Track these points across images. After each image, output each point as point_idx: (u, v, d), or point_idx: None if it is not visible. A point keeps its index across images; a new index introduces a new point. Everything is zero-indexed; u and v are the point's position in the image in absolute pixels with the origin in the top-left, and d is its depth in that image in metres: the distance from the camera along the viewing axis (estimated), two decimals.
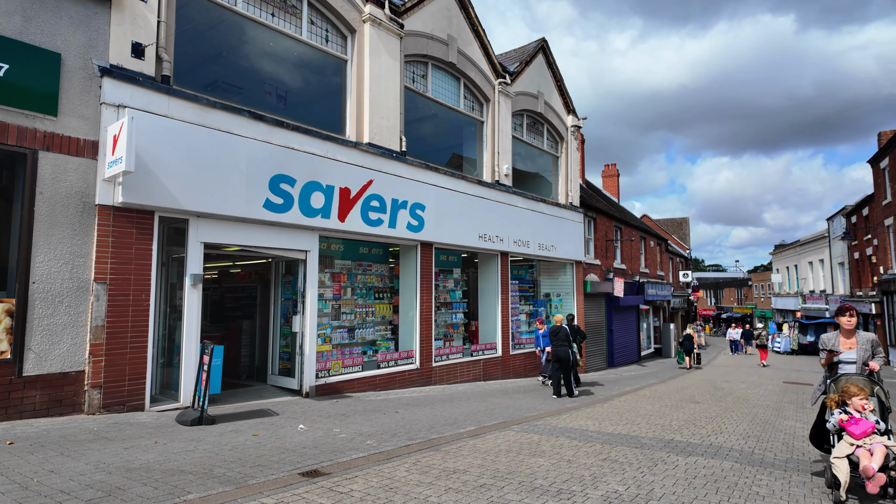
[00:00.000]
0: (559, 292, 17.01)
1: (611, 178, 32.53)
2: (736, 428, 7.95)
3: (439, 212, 11.56)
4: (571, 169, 17.37)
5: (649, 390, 12.98)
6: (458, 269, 13.45)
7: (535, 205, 15.06)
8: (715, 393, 12.63)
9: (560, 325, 11.35)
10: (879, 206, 24.54)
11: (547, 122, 16.50)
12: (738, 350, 29.29)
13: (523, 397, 10.54)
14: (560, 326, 11.26)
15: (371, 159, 10.04)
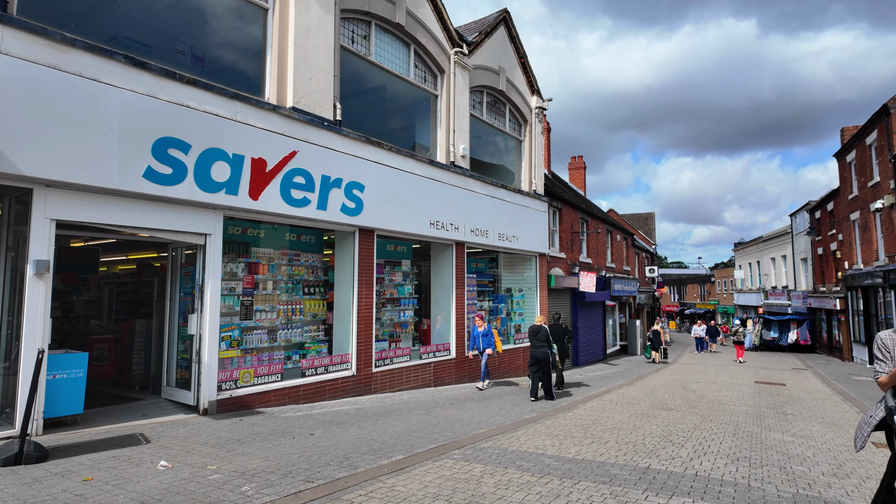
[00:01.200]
0: (521, 287, 15.71)
1: (577, 170, 31.55)
2: (720, 446, 6.72)
3: (383, 194, 10.01)
4: (535, 154, 16.06)
5: (617, 394, 11.79)
6: (408, 261, 11.94)
7: (496, 191, 13.67)
8: (687, 396, 11.52)
9: (540, 324, 10.67)
10: (845, 200, 24.22)
11: (509, 102, 15.12)
12: (703, 348, 28.50)
13: (476, 407, 9.12)
14: (540, 326, 10.57)
15: (295, 127, 8.41)
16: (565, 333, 12.30)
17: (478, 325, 11.42)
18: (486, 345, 11.18)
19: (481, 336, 11.24)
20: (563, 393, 11.71)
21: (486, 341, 11.19)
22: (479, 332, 11.29)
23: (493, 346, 11.22)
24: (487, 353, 11.20)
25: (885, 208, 18.74)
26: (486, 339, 11.18)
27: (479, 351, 11.39)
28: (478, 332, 11.34)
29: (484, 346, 11.20)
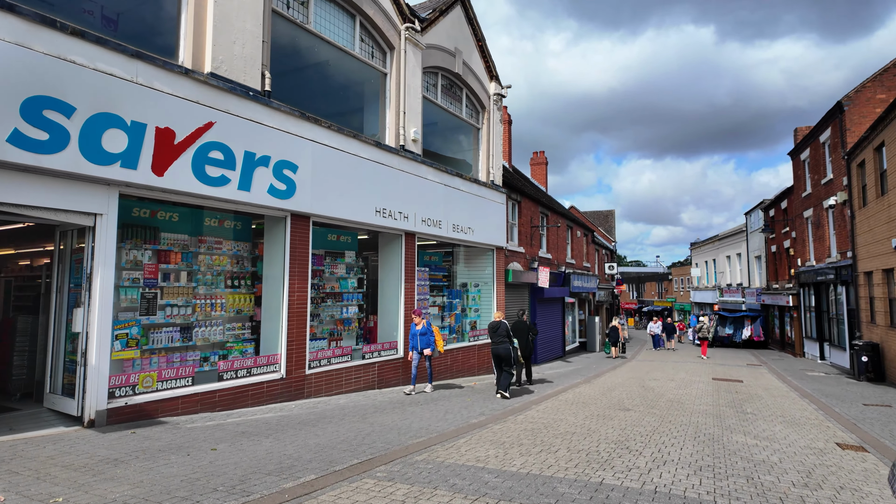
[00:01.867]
0: (477, 282, 14.97)
1: (539, 165, 31.13)
2: (680, 453, 6.10)
3: (321, 176, 9.05)
4: (494, 143, 15.35)
5: (573, 393, 11.19)
6: (353, 253, 11.00)
7: (451, 179, 12.87)
8: (645, 396, 11.02)
9: (499, 320, 10.56)
10: (799, 198, 24.58)
11: (466, 87, 14.34)
12: (660, 345, 28.32)
13: (420, 411, 8.29)
14: (499, 322, 10.48)
15: (213, 95, 7.36)
16: (529, 330, 12.12)
17: (415, 322, 10.08)
18: (424, 344, 9.90)
19: (419, 335, 9.95)
20: (522, 390, 11.31)
21: (423, 341, 9.91)
22: (417, 331, 9.99)
23: (434, 346, 9.94)
24: (426, 354, 9.94)
25: (838, 205, 18.91)
26: (425, 338, 9.91)
27: (417, 351, 10.04)
28: (415, 329, 10.03)
29: (422, 345, 9.91)
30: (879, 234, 14.77)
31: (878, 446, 6.87)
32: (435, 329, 10.15)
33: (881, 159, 14.86)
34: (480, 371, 14.03)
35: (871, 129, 15.00)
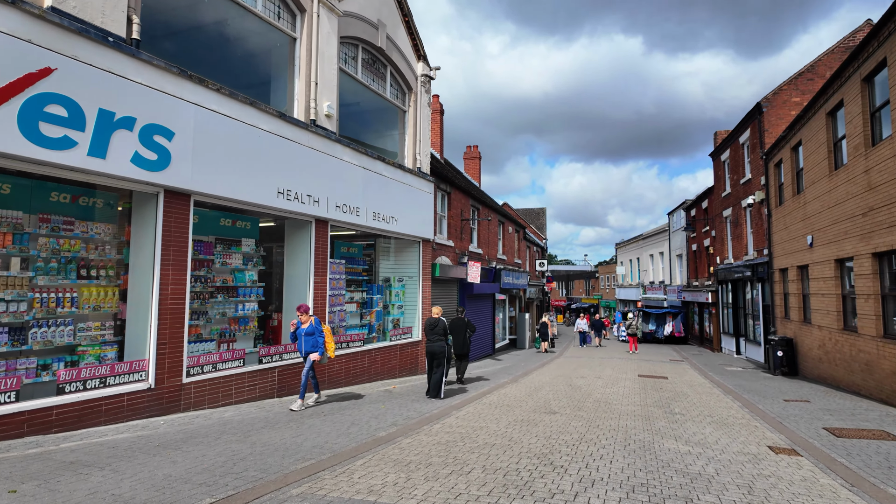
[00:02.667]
0: (402, 277, 13.93)
1: (472, 160, 30.55)
2: (611, 468, 5.37)
3: (206, 148, 7.65)
4: (422, 128, 14.34)
5: (498, 394, 10.42)
6: (253, 241, 9.62)
7: (372, 163, 11.72)
8: (572, 395, 10.44)
9: (437, 317, 10.16)
10: (719, 197, 25.43)
11: (391, 64, 13.23)
12: (586, 342, 28.03)
13: (321, 424, 7.14)
14: (437, 319, 10.11)
15: (55, 35, 5.83)
16: (467, 327, 11.88)
17: (301, 319, 8.19)
18: (310, 347, 8.14)
19: (304, 335, 8.14)
20: (458, 390, 11.00)
21: (310, 342, 8.15)
22: (303, 330, 8.15)
23: (322, 349, 8.22)
24: (312, 359, 8.13)
25: (756, 204, 19.52)
26: (311, 339, 8.16)
27: (301, 356, 8.33)
28: (301, 329, 8.17)
29: (307, 348, 8.14)
30: (795, 232, 15.17)
31: (809, 448, 6.51)
32: (326, 329, 8.45)
33: (798, 158, 15.26)
34: (403, 372, 13.01)
35: (788, 129, 15.37)
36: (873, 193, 10.11)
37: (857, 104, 10.77)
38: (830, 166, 12.48)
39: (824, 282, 12.89)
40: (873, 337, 10.26)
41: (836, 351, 12.22)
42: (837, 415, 8.77)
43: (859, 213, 10.76)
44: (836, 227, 11.99)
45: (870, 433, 7.33)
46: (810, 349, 14.05)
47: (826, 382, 12.90)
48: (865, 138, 10.55)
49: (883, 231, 9.73)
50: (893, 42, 9.25)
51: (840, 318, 12.09)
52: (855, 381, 11.16)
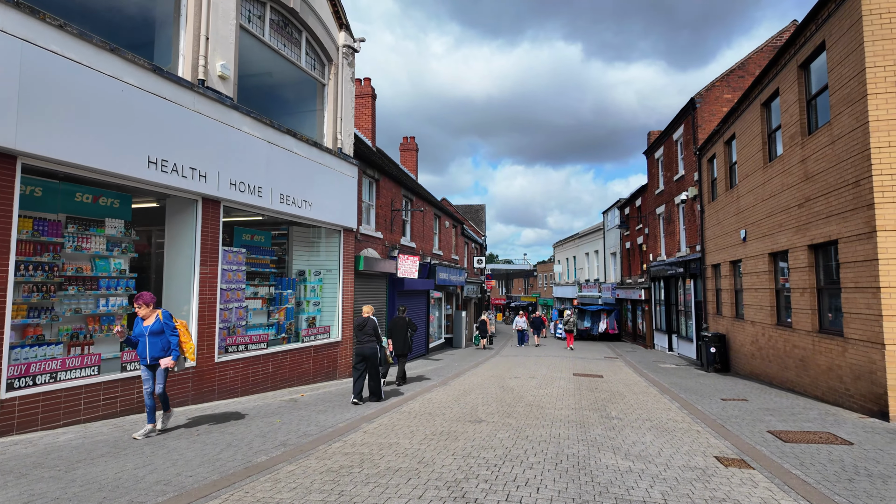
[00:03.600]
0: (319, 270, 12.46)
1: (409, 151, 29.25)
2: (537, 497, 4.29)
3: (41, 98, 5.97)
4: (344, 104, 12.92)
5: (423, 400, 9.26)
6: (121, 223, 7.90)
7: (279, 137, 10.21)
8: (503, 399, 9.44)
9: (367, 316, 9.46)
10: (652, 195, 25.55)
11: (307, 30, 11.74)
12: (525, 341, 27.16)
13: (185, 447, 5.67)
14: (367, 318, 9.42)
15: None
16: (409, 326, 11.69)
17: (141, 314, 6.13)
18: (157, 351, 6.05)
19: (147, 335, 6.05)
20: (391, 392, 10.43)
21: (157, 344, 6.06)
22: (145, 328, 6.07)
23: (178, 354, 6.25)
24: (164, 367, 6.07)
25: (689, 200, 19.49)
26: (159, 340, 6.07)
27: (144, 363, 6.10)
28: (142, 327, 6.09)
29: (154, 352, 6.04)
30: (728, 227, 15.00)
31: (759, 458, 5.75)
32: (180, 324, 6.42)
33: (731, 153, 15.10)
34: (319, 377, 11.56)
35: (722, 123, 15.19)
36: (810, 183, 9.77)
37: (794, 92, 10.44)
38: (765, 158, 12.22)
39: (758, 276, 12.64)
40: (808, 332, 9.92)
41: (769, 347, 11.95)
42: (778, 415, 8.23)
43: (795, 205, 10.43)
44: (771, 219, 11.71)
45: (816, 436, 6.73)
46: (743, 345, 13.85)
47: (759, 379, 12.66)
48: (802, 127, 10.22)
49: (820, 222, 9.37)
50: (833, 24, 8.86)
51: (774, 313, 11.82)
52: (789, 378, 10.87)
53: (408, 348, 11.71)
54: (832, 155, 8.92)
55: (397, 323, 11.64)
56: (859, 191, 8.09)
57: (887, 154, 7.73)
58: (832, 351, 9.03)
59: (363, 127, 20.53)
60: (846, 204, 8.47)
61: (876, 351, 7.71)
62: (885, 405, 7.52)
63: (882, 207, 7.68)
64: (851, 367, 8.40)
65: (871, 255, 7.80)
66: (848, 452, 5.96)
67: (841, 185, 8.62)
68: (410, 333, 11.82)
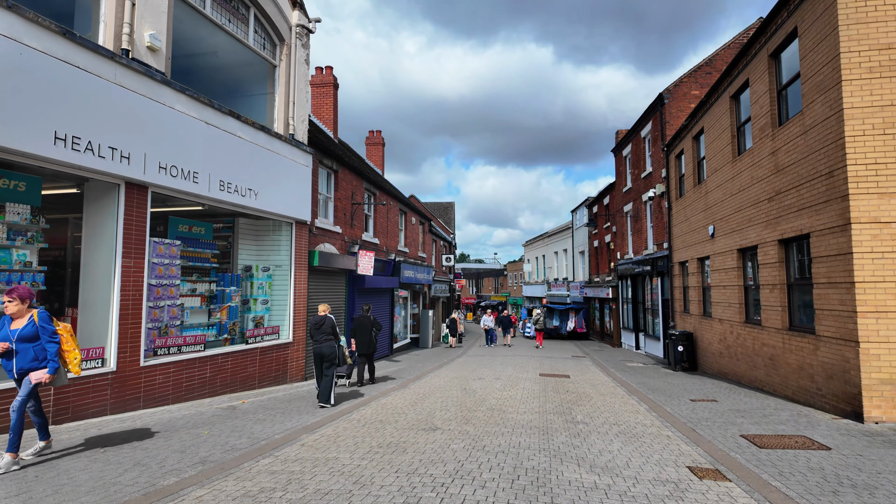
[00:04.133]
0: (269, 265, 11.57)
1: (375, 146, 28.35)
2: None
3: None
4: (297, 88, 12.05)
5: (377, 405, 8.54)
6: (28, 208, 6.92)
7: (220, 118, 9.31)
8: (464, 403, 8.80)
9: (324, 315, 9.11)
10: (620, 193, 25.38)
11: (256, 7, 10.84)
12: (493, 341, 25.77)
13: (83, 469, 4.81)
14: (324, 317, 9.06)
15: None
16: (373, 326, 11.47)
17: (10, 312, 4.92)
18: (27, 361, 4.85)
19: (16, 340, 4.84)
20: (351, 393, 10.07)
21: (28, 353, 4.86)
22: (12, 333, 4.87)
23: (55, 364, 4.89)
24: (34, 381, 4.82)
25: (657, 197, 19.27)
26: (31, 347, 4.87)
27: (11, 376, 4.93)
28: (9, 330, 4.89)
29: (23, 363, 4.85)
30: (696, 223, 14.74)
31: (734, 467, 5.25)
32: (63, 329, 5.09)
33: (699, 148, 14.85)
34: (266, 381, 10.69)
35: (690, 117, 14.93)
36: (780, 176, 9.44)
37: (764, 82, 10.13)
38: (734, 152, 11.92)
39: (726, 273, 12.35)
40: (778, 329, 9.60)
41: (737, 345, 11.66)
42: (749, 416, 7.83)
43: (765, 199, 10.12)
44: (740, 214, 11.41)
45: (792, 440, 6.30)
46: (711, 343, 13.59)
47: (728, 378, 12.37)
48: (772, 118, 9.90)
49: (791, 215, 9.04)
50: (805, 9, 8.53)
51: (742, 310, 11.53)
52: (758, 377, 10.56)
53: (372, 348, 11.44)
54: (804, 146, 8.59)
55: (361, 322, 11.36)
56: (833, 182, 7.75)
57: (862, 143, 7.40)
58: (803, 349, 8.70)
59: (324, 117, 19.62)
60: (819, 196, 8.13)
61: (850, 349, 7.37)
62: (859, 406, 7.18)
63: (857, 199, 7.34)
64: (824, 366, 8.06)
65: (844, 248, 7.45)
66: (827, 459, 5.53)
67: (813, 176, 8.29)
68: (375, 333, 11.54)
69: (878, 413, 7.06)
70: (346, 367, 10.80)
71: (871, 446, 6.00)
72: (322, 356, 8.75)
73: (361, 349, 11.29)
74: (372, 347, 11.44)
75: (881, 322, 7.15)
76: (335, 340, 9.08)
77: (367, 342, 11.32)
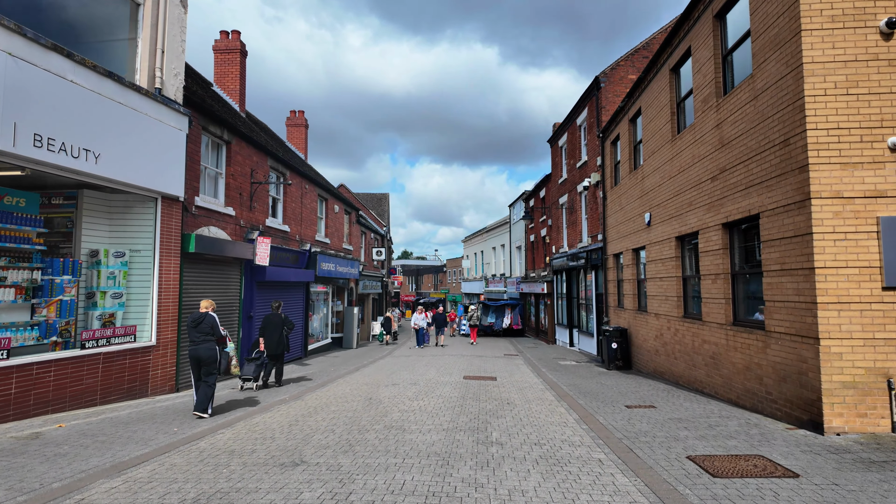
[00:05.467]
0: (125, 250, 9.30)
1: (297, 127, 25.91)
2: None
3: None
4: (168, 35, 9.82)
5: (244, 426, 6.67)
6: None
7: (40, 54, 7.05)
8: (359, 418, 7.08)
9: (205, 312, 7.74)
10: (556, 185, 24.44)
11: None
12: (425, 341, 23.09)
13: None
14: (205, 314, 7.69)
15: None
16: (284, 324, 10.80)
17: None
18: None
19: None
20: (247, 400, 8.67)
21: None
22: None
23: None
24: None
25: (591, 187, 18.30)
26: None
27: None
28: None
29: None
30: (631, 212, 13.71)
31: None
32: None
33: (636, 130, 13.83)
34: (115, 396, 8.47)
35: (627, 98, 13.88)
36: (726, 151, 8.34)
37: (709, 47, 9.02)
38: (673, 130, 10.86)
39: (663, 264, 11.30)
40: (722, 325, 8.51)
41: (675, 342, 10.61)
42: (693, 428, 6.58)
43: (707, 178, 9.03)
44: (679, 199, 10.34)
45: (749, 464, 5.02)
46: (646, 340, 12.56)
47: (664, 378, 11.33)
48: (717, 87, 8.81)
49: (737, 195, 7.93)
50: None
51: (681, 303, 10.48)
52: (698, 378, 9.49)
53: (283, 348, 10.77)
54: (754, 113, 7.47)
55: (271, 320, 10.71)
56: (789, 151, 6.62)
57: (823, 104, 6.28)
58: (750, 347, 7.60)
59: (229, 87, 17.25)
60: (771, 170, 7.01)
61: (807, 347, 6.25)
62: (817, 414, 6.06)
63: (817, 169, 6.21)
64: (775, 367, 6.95)
65: (802, 228, 6.33)
66: (798, 493, 4.24)
67: (765, 147, 7.16)
68: (286, 331, 10.89)
69: (839, 422, 5.96)
70: (255, 369, 10.05)
71: (842, 469, 4.80)
72: (199, 360, 7.48)
73: (271, 349, 10.49)
74: (282, 347, 10.70)
75: (843, 315, 6.06)
76: (216, 342, 7.64)
77: (277, 342, 10.57)
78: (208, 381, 7.55)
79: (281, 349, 10.67)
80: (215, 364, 7.61)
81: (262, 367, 10.28)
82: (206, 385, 7.53)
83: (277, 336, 10.60)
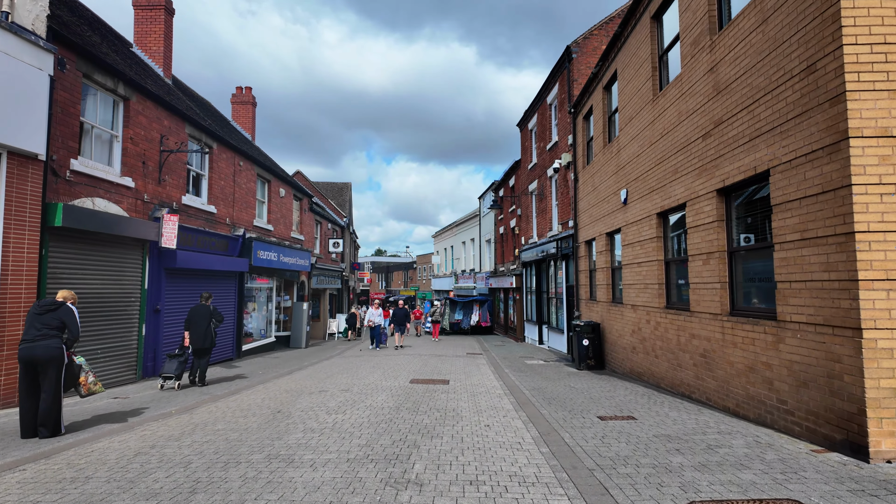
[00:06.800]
0: None
1: (243, 105, 23.57)
2: None
3: None
4: None
5: (79, 453, 4.63)
6: None
7: None
8: (234, 447, 5.15)
9: (62, 300, 6.07)
10: (525, 171, 22.78)
11: None
12: (382, 342, 20.20)
13: None
14: (60, 303, 5.98)
15: None
16: (213, 316, 10.07)
17: None
18: None
19: None
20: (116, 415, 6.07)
21: None
22: None
23: None
24: None
25: (562, 169, 16.65)
26: None
27: None
28: None
29: None
30: (605, 191, 12.06)
31: None
32: None
33: (611, 99, 12.18)
34: None
35: (601, 61, 12.21)
36: (722, 98, 6.68)
37: None
38: (655, 88, 9.21)
39: (642, 246, 9.65)
40: (715, 315, 6.85)
41: (656, 338, 8.95)
42: (689, 451, 4.86)
43: (698, 136, 7.37)
44: (662, 167, 8.69)
45: None
46: (621, 336, 10.90)
47: (643, 380, 9.67)
48: (711, 22, 7.15)
49: (738, 150, 6.27)
50: None
51: (663, 292, 8.83)
52: (685, 380, 7.82)
53: (209, 342, 9.97)
54: (762, 41, 5.80)
55: (197, 311, 9.97)
56: (815, 80, 4.94)
57: (865, 10, 4.62)
58: (755, 342, 5.93)
59: (152, 49, 14.99)
60: (787, 110, 5.34)
61: (842, 341, 4.58)
62: (859, 432, 4.40)
63: (857, 98, 4.55)
64: (791, 368, 5.29)
65: (836, 180, 4.66)
66: None
67: (779, 81, 5.49)
68: (214, 324, 10.08)
69: (890, 445, 4.31)
70: (177, 366, 9.25)
71: None
72: (34, 363, 5.72)
73: (196, 343, 9.78)
74: (209, 342, 9.93)
75: (894, 296, 4.41)
76: (59, 338, 5.84)
77: (204, 335, 9.81)
78: (46, 391, 5.70)
79: (208, 343, 9.90)
80: (60, 367, 5.77)
81: (186, 364, 9.50)
82: (47, 394, 5.70)
83: (204, 328, 9.81)
